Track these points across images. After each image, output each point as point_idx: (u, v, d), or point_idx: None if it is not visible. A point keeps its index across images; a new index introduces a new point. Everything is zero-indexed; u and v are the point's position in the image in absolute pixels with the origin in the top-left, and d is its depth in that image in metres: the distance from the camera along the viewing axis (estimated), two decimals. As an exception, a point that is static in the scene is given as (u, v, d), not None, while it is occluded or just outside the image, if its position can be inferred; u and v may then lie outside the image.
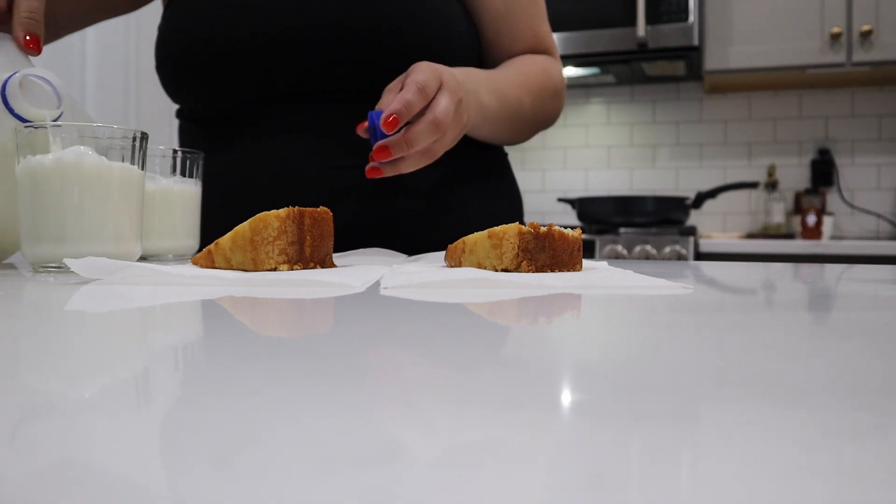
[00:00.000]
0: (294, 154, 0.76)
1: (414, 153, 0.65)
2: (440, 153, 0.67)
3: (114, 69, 2.17)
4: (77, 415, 0.15)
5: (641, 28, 1.97)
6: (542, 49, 0.89)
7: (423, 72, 0.64)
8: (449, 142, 0.67)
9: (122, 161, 0.53)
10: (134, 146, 0.54)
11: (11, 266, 0.58)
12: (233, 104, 0.78)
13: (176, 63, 0.78)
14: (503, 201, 0.89)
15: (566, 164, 2.52)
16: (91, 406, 0.15)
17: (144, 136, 0.55)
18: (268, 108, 0.77)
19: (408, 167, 0.66)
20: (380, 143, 0.63)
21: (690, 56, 2.05)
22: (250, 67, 0.75)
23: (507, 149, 0.94)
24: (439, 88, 0.65)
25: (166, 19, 0.80)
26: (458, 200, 0.83)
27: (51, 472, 0.11)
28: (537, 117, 0.85)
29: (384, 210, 0.78)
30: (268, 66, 0.74)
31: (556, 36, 2.09)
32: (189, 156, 0.68)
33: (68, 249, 0.50)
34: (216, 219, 0.75)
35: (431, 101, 0.64)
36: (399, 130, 0.64)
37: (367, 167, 0.66)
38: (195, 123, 0.83)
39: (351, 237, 0.76)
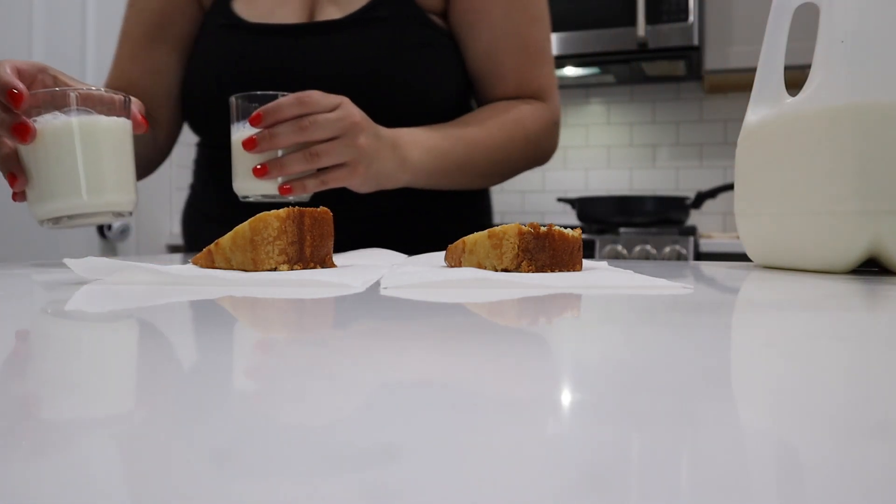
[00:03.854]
0: None
1: (298, 156, 0.67)
2: (332, 158, 0.68)
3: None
4: (76, 415, 0.15)
5: (641, 28, 1.97)
6: (528, 94, 0.88)
7: (325, 94, 0.68)
8: (345, 154, 0.68)
9: (112, 118, 0.59)
10: (125, 104, 0.61)
11: (12, 266, 0.58)
12: None
13: (196, 100, 0.87)
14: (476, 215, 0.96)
15: (566, 163, 2.52)
16: (90, 406, 0.15)
17: (129, 98, 0.62)
18: None
19: (292, 166, 0.67)
20: (250, 136, 0.67)
21: (690, 56, 2.05)
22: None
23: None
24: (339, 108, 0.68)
25: (190, 65, 0.88)
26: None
27: (49, 472, 0.11)
28: (501, 167, 0.86)
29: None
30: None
31: (555, 36, 2.09)
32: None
33: (73, 202, 0.56)
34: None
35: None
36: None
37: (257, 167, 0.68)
38: (217, 149, 0.90)
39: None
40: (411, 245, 0.85)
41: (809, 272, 0.57)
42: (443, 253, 0.61)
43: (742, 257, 1.86)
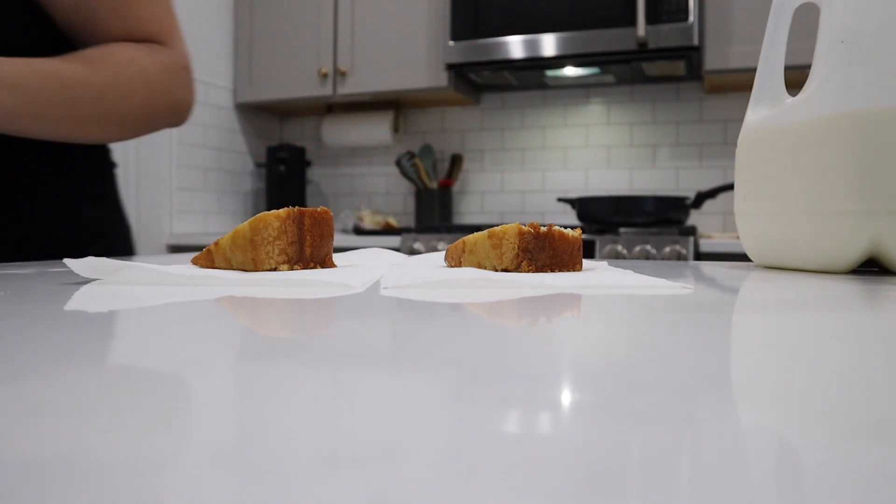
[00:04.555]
0: None
1: None
2: None
3: None
4: (76, 414, 0.15)
5: (641, 28, 1.97)
6: (141, 37, 0.78)
7: None
8: None
9: None
10: None
11: (12, 266, 0.58)
12: None
13: None
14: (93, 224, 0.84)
15: (566, 164, 2.52)
16: (90, 406, 0.15)
17: None
18: None
19: None
20: None
21: (690, 56, 2.05)
22: None
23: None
24: None
25: None
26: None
27: (50, 472, 0.11)
28: (117, 111, 0.75)
29: None
30: None
31: (555, 36, 2.09)
32: None
33: None
34: None
35: None
36: None
37: None
38: None
39: None
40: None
41: (809, 272, 0.57)
42: (443, 253, 0.61)
43: (742, 257, 1.86)
